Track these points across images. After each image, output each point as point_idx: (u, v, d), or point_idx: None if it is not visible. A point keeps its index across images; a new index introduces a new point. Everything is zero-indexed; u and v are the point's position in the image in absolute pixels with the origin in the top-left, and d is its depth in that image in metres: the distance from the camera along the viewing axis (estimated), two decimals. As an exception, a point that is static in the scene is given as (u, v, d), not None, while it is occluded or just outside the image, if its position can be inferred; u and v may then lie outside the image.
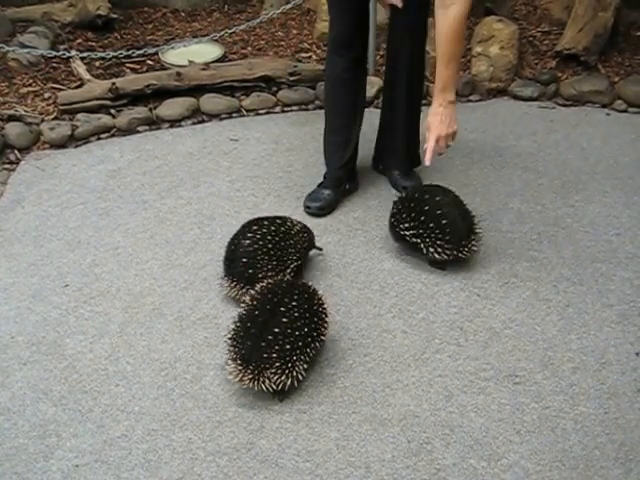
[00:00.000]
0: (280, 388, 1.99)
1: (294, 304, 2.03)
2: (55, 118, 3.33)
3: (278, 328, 1.98)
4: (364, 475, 1.87)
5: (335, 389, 2.10)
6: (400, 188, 2.84)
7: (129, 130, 3.33)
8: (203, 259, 2.56)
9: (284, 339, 1.97)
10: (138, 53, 3.57)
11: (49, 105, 3.40)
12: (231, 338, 2.03)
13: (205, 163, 3.12)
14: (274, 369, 1.95)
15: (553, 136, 3.33)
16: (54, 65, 3.66)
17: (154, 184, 2.98)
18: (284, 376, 1.96)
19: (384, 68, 3.00)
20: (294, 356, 1.98)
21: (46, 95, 3.46)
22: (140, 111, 3.39)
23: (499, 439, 1.96)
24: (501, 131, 3.36)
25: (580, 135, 3.33)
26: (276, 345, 1.96)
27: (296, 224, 2.43)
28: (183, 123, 3.39)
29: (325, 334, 2.12)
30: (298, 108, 3.52)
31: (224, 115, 3.45)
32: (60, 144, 3.22)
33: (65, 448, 1.93)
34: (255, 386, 1.97)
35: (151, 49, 3.64)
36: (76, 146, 3.24)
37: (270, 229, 2.33)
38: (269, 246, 2.29)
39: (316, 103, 3.52)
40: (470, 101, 3.59)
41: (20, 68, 3.62)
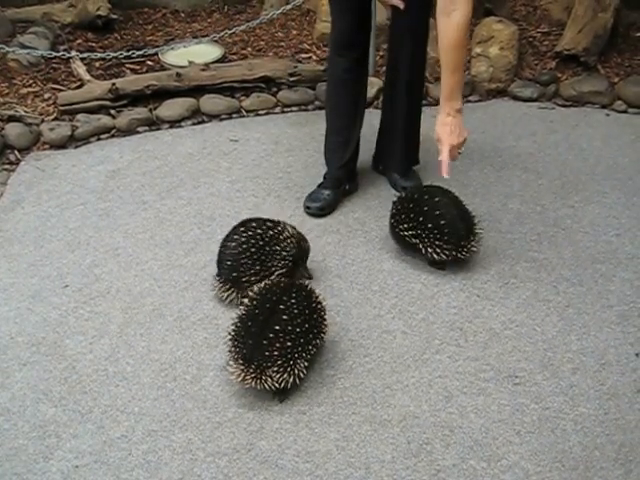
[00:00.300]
0: (282, 386, 1.99)
1: (293, 302, 2.03)
2: (55, 119, 3.33)
3: (279, 326, 1.98)
4: (364, 476, 1.87)
5: (335, 390, 2.10)
6: (400, 188, 2.84)
7: (129, 131, 3.33)
8: (203, 260, 2.56)
9: (285, 336, 1.97)
10: (138, 54, 3.56)
11: (49, 106, 3.39)
12: (232, 339, 2.03)
13: (205, 164, 3.12)
14: (276, 367, 1.95)
15: (553, 137, 3.33)
16: (54, 66, 3.66)
17: (154, 185, 2.98)
18: (286, 374, 1.97)
19: (384, 68, 3.00)
20: (295, 353, 1.98)
21: (46, 96, 3.46)
22: (140, 112, 3.39)
23: (499, 440, 1.96)
24: (501, 132, 3.36)
25: (580, 136, 3.33)
26: (277, 343, 1.96)
27: (286, 230, 2.35)
28: (183, 124, 3.39)
29: (325, 332, 2.13)
30: (298, 109, 3.52)
31: (224, 116, 3.45)
32: (60, 145, 3.22)
33: (65, 449, 1.93)
34: (257, 385, 1.97)
35: (151, 50, 3.63)
36: (76, 147, 3.24)
37: (256, 232, 2.31)
38: (252, 250, 2.28)
39: (316, 104, 3.52)
40: (470, 102, 3.59)
41: (20, 69, 3.62)
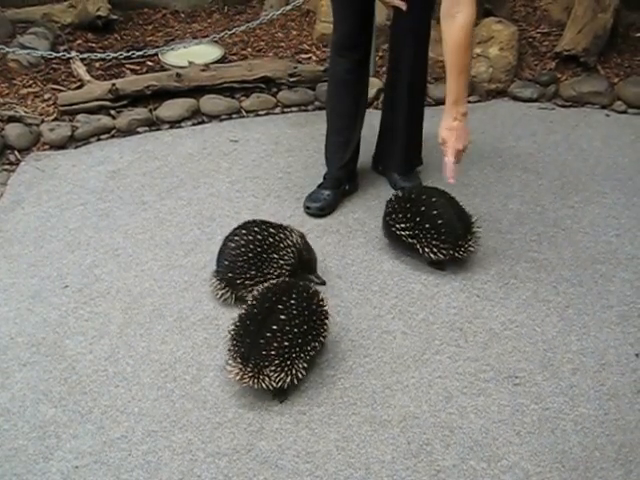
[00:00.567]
0: (280, 386, 1.99)
1: (292, 302, 2.04)
2: (55, 119, 3.32)
3: (276, 325, 1.99)
4: (364, 476, 1.87)
5: (335, 390, 2.10)
6: (400, 189, 2.83)
7: (129, 131, 3.33)
8: (203, 260, 2.56)
9: (282, 336, 1.98)
10: (138, 54, 3.56)
11: (49, 106, 3.39)
12: (231, 338, 2.04)
13: (205, 164, 3.12)
14: (273, 367, 1.96)
15: (553, 137, 3.33)
16: (54, 66, 3.66)
17: (154, 185, 2.98)
18: (283, 374, 1.97)
19: (385, 69, 3.00)
20: (293, 354, 1.99)
21: (46, 96, 3.46)
22: (140, 112, 3.39)
23: (499, 440, 1.96)
24: (500, 132, 3.36)
25: (580, 136, 3.33)
26: (274, 342, 1.97)
27: (288, 239, 2.33)
28: (183, 124, 3.39)
29: (325, 335, 2.13)
30: (298, 109, 3.52)
31: (224, 116, 3.45)
32: (60, 145, 3.22)
33: (65, 449, 1.93)
34: (255, 385, 1.97)
35: (151, 50, 3.63)
36: (76, 147, 3.24)
37: (256, 237, 2.30)
38: (249, 255, 2.28)
39: (316, 104, 3.52)
40: (469, 102, 3.55)
41: (20, 69, 3.62)
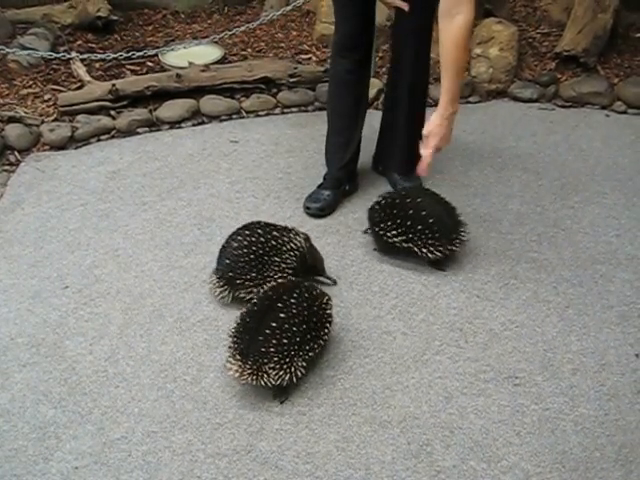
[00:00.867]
0: (279, 384, 1.99)
1: (292, 302, 2.05)
2: (55, 119, 3.32)
3: (275, 322, 2.00)
4: (364, 477, 1.87)
5: (335, 391, 2.10)
6: (400, 189, 2.83)
7: (129, 131, 3.33)
8: (203, 261, 2.56)
9: (281, 334, 1.99)
10: (138, 55, 3.56)
11: (49, 106, 3.39)
12: (231, 336, 2.05)
13: (205, 165, 3.12)
14: (272, 364, 1.97)
15: (552, 137, 3.33)
16: (54, 67, 3.66)
17: (154, 186, 2.98)
18: (282, 371, 1.98)
19: (385, 69, 3.00)
20: (292, 351, 1.99)
21: (46, 97, 3.46)
22: (140, 112, 3.39)
23: (499, 441, 1.96)
24: (501, 132, 3.36)
25: (580, 136, 3.33)
26: (273, 339, 1.98)
27: (291, 242, 2.33)
28: (183, 124, 3.39)
29: (325, 338, 2.13)
30: (298, 109, 3.52)
31: (224, 117, 3.45)
32: (60, 145, 3.22)
33: (65, 450, 1.93)
34: (254, 382, 1.98)
35: (151, 51, 3.63)
36: (76, 147, 3.23)
37: (259, 239, 2.31)
38: (251, 256, 2.29)
39: (316, 104, 3.52)
40: (469, 102, 3.59)
41: (20, 70, 3.62)
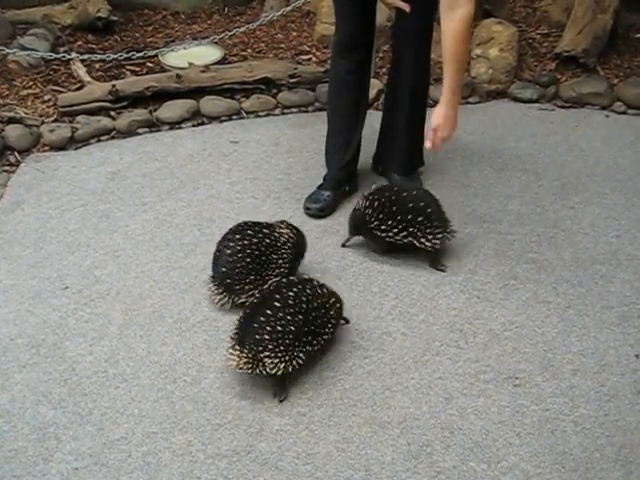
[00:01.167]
0: (274, 373, 2.01)
1: (290, 294, 2.09)
2: (55, 120, 3.32)
3: (270, 310, 2.04)
4: (364, 478, 1.87)
5: (335, 391, 2.10)
6: (379, 187, 2.78)
7: (129, 132, 3.33)
8: (203, 261, 2.55)
9: (275, 321, 2.02)
10: (138, 55, 3.56)
11: (49, 107, 3.39)
12: (234, 329, 2.09)
13: (205, 165, 3.12)
14: (267, 352, 1.99)
15: (552, 138, 3.33)
16: (54, 67, 3.66)
17: (154, 186, 2.98)
18: (277, 359, 2.00)
19: (386, 69, 3.00)
20: (286, 340, 2.01)
21: (46, 97, 3.46)
22: (140, 113, 3.39)
23: (499, 441, 1.96)
24: (500, 133, 3.36)
25: (579, 137, 3.33)
26: (267, 326, 2.01)
27: (282, 236, 2.35)
28: (183, 125, 3.39)
29: (325, 335, 2.13)
30: (298, 110, 3.52)
31: (224, 117, 3.44)
32: (60, 146, 3.22)
33: (64, 451, 1.93)
34: (250, 370, 2.01)
35: (151, 51, 3.63)
36: (76, 148, 3.23)
37: (252, 241, 2.31)
38: (247, 260, 2.29)
39: (316, 105, 3.52)
40: (469, 103, 3.59)
41: (20, 70, 3.62)
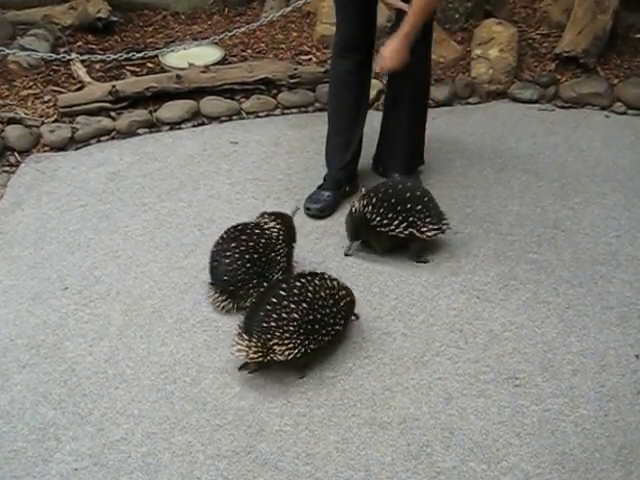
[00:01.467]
0: (285, 360, 2.03)
1: (297, 284, 2.11)
2: (55, 121, 3.32)
3: (275, 299, 2.06)
4: (364, 478, 1.87)
5: (335, 392, 2.10)
6: (361, 198, 2.71)
7: (129, 133, 3.33)
8: (203, 262, 2.55)
9: (281, 309, 2.04)
10: (138, 56, 3.57)
11: (49, 108, 3.39)
12: (241, 322, 2.11)
13: (205, 166, 3.12)
14: (276, 339, 2.01)
15: (552, 138, 3.33)
16: (54, 68, 3.66)
17: (154, 187, 2.98)
18: (285, 347, 2.02)
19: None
20: (291, 327, 2.03)
21: (46, 98, 3.46)
22: (140, 114, 3.39)
23: (499, 442, 1.96)
24: (500, 133, 3.35)
25: (579, 137, 3.33)
26: (273, 314, 2.03)
27: (272, 229, 2.37)
28: (183, 126, 3.39)
29: (337, 327, 2.15)
30: (298, 110, 3.52)
31: (224, 118, 3.44)
32: (60, 147, 3.22)
33: (64, 451, 1.93)
34: (263, 359, 2.03)
35: (151, 52, 3.64)
36: (76, 149, 3.24)
37: (249, 245, 2.32)
38: (248, 265, 2.31)
39: (316, 105, 3.52)
40: (469, 103, 3.59)
41: (20, 71, 3.62)
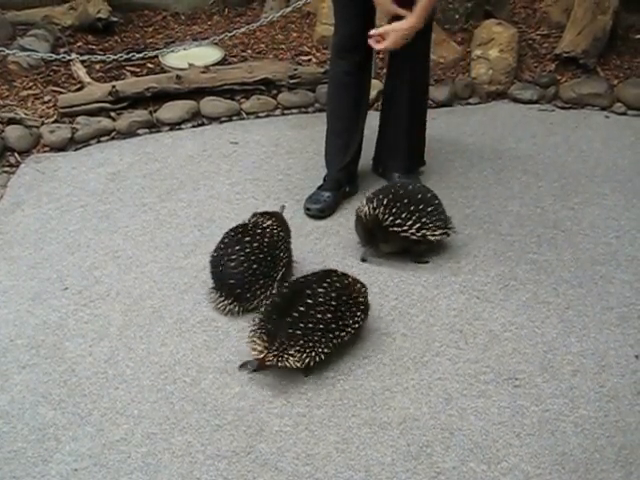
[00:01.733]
0: (300, 367, 2.06)
1: (321, 290, 2.12)
2: (55, 121, 3.32)
3: (303, 307, 2.07)
4: (364, 478, 1.87)
5: (334, 392, 2.10)
6: (369, 200, 2.69)
7: (129, 133, 3.33)
8: (203, 262, 2.55)
9: (307, 319, 2.06)
10: (138, 56, 3.57)
11: (49, 108, 3.40)
12: (260, 314, 2.13)
13: (205, 166, 3.12)
14: (298, 347, 2.03)
15: (552, 139, 3.33)
16: (54, 68, 3.66)
17: (154, 187, 2.98)
18: (305, 355, 2.05)
19: (384, 70, 2.99)
20: (315, 337, 2.06)
21: (46, 98, 3.46)
22: (140, 114, 3.39)
23: (499, 442, 1.96)
24: (500, 134, 3.36)
25: (579, 138, 3.33)
26: (300, 323, 2.05)
27: (271, 227, 2.39)
28: (183, 126, 3.39)
29: (355, 325, 2.16)
30: (298, 111, 3.52)
31: (224, 118, 3.44)
32: (60, 147, 3.22)
33: (64, 452, 1.93)
34: (278, 363, 2.04)
35: (151, 52, 3.64)
36: (76, 149, 3.24)
37: (253, 246, 2.32)
38: (254, 266, 2.31)
39: (316, 106, 3.52)
40: (469, 104, 3.59)
41: (20, 71, 3.62)
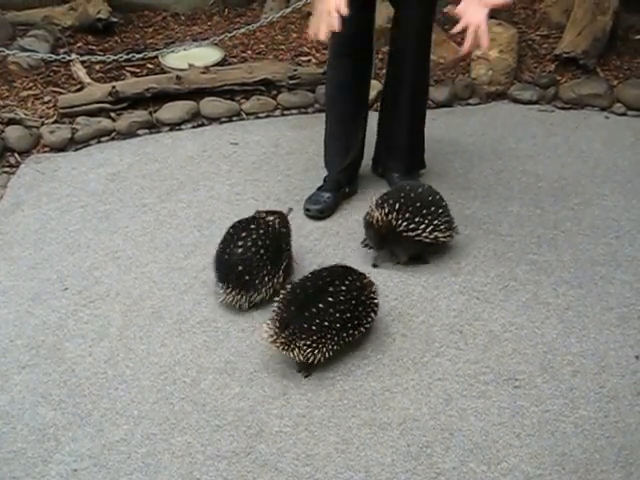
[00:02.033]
0: (305, 360, 2.06)
1: (343, 289, 2.12)
2: (55, 121, 3.32)
3: (322, 304, 2.07)
4: (364, 479, 1.87)
5: (334, 393, 2.10)
6: (380, 205, 2.67)
7: (129, 133, 3.33)
8: (203, 262, 2.55)
9: (325, 316, 2.06)
10: (138, 57, 3.56)
11: (49, 108, 3.39)
12: (278, 301, 2.13)
13: (205, 166, 3.12)
14: (309, 341, 2.03)
15: (552, 139, 3.33)
16: (54, 68, 3.66)
17: (154, 187, 2.98)
18: (316, 350, 2.05)
19: (384, 71, 2.99)
20: (328, 334, 2.06)
21: (46, 98, 3.46)
22: (140, 114, 3.39)
23: (499, 443, 1.96)
24: (500, 134, 3.36)
25: (579, 138, 3.33)
26: (317, 319, 2.05)
27: (274, 221, 2.42)
28: (183, 126, 3.39)
29: (367, 326, 2.18)
30: (298, 111, 3.52)
31: (224, 118, 3.44)
32: (60, 147, 3.22)
33: (64, 452, 1.93)
34: (284, 352, 2.05)
35: (151, 52, 3.63)
36: (76, 149, 3.24)
37: (260, 233, 2.35)
38: (262, 252, 2.33)
39: (316, 106, 3.52)
40: (469, 104, 3.59)
41: (20, 71, 3.62)
